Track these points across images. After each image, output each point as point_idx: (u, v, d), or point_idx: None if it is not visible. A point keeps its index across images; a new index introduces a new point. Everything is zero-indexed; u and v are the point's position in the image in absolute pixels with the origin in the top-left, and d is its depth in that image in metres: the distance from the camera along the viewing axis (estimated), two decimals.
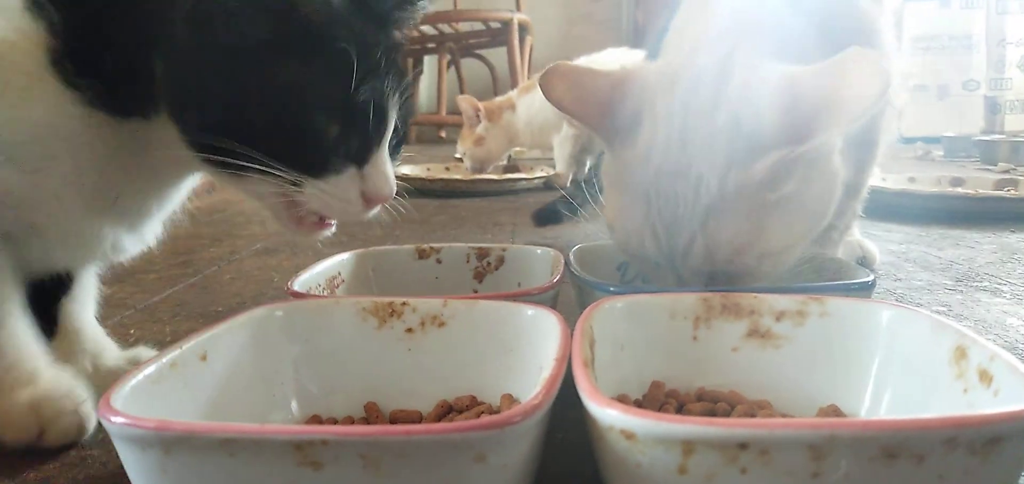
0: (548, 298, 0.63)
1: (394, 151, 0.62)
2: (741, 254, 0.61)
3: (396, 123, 0.60)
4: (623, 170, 0.66)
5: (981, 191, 1.81)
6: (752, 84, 0.62)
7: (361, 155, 0.58)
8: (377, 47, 0.57)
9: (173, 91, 0.53)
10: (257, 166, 0.53)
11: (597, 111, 0.68)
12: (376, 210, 0.61)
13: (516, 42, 3.61)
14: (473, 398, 0.53)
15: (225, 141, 0.52)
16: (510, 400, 0.51)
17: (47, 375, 0.56)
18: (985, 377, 0.42)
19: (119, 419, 0.35)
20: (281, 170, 0.54)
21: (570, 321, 0.50)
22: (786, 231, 0.62)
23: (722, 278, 0.63)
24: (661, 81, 0.66)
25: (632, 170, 0.65)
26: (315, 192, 0.56)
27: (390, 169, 0.61)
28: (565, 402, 0.42)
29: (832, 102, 0.57)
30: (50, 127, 0.52)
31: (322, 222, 0.62)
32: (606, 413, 0.35)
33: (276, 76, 0.52)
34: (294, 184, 0.55)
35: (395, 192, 0.62)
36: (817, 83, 0.59)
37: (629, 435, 0.34)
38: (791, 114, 0.59)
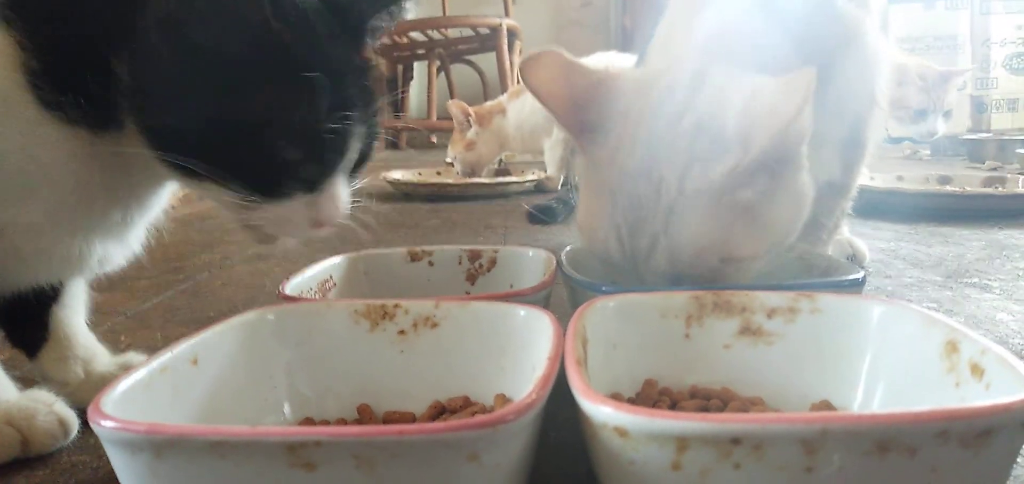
0: (540, 299, 0.63)
1: (356, 168, 0.60)
2: (702, 257, 0.61)
3: (359, 148, 0.58)
4: (592, 170, 0.67)
5: (969, 189, 1.82)
6: (721, 92, 0.63)
7: (316, 182, 0.55)
8: (348, 71, 0.55)
9: (135, 94, 0.50)
10: (212, 179, 0.51)
11: (571, 106, 0.68)
12: (326, 231, 0.58)
13: (505, 48, 3.62)
14: (466, 399, 0.53)
15: (180, 153, 0.50)
16: (503, 400, 0.51)
17: (12, 393, 0.56)
18: (977, 371, 0.42)
19: (109, 423, 0.35)
20: (233, 186, 0.52)
21: (562, 322, 0.50)
22: (749, 240, 0.62)
23: (687, 283, 0.62)
24: (637, 86, 0.67)
25: (599, 170, 0.66)
26: (264, 212, 0.54)
27: (344, 193, 0.58)
28: (558, 402, 0.42)
29: (769, 115, 0.58)
30: (29, 157, 0.51)
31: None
32: (599, 410, 0.35)
33: (240, 95, 0.50)
34: (247, 201, 0.53)
35: (347, 215, 0.59)
36: (766, 96, 0.60)
37: (622, 432, 0.34)
38: (743, 122, 0.60)
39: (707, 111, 0.62)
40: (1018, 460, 0.49)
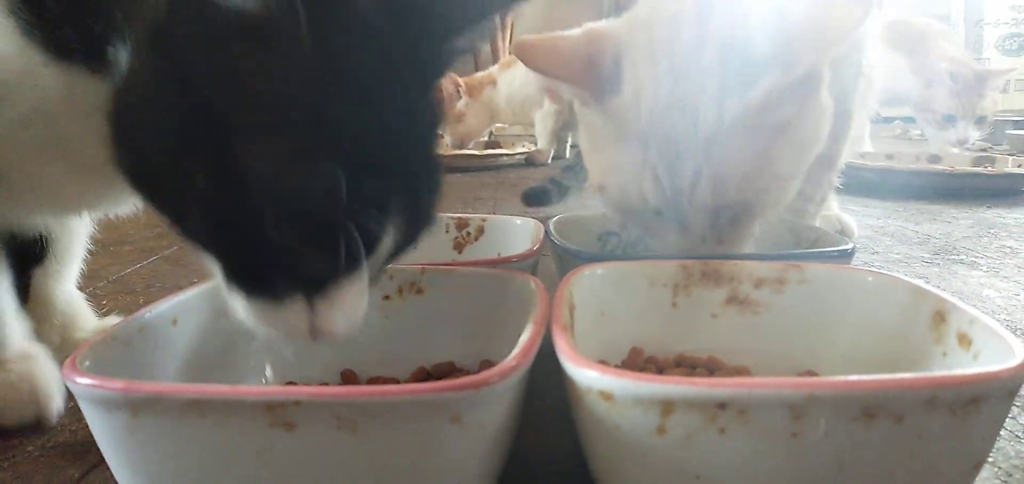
0: (528, 267, 0.63)
1: (393, 257, 0.44)
2: (750, 180, 0.60)
3: (398, 238, 0.42)
4: (610, 122, 0.65)
5: (958, 168, 1.82)
6: (736, 18, 0.61)
7: (318, 286, 0.39)
8: (405, 124, 0.40)
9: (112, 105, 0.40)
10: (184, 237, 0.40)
11: (579, 69, 0.66)
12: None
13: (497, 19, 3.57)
14: (451, 364, 0.53)
15: (143, 191, 0.41)
16: (488, 367, 0.50)
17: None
18: (964, 341, 0.42)
19: (85, 380, 0.34)
20: (207, 257, 0.40)
21: (550, 292, 0.49)
22: (791, 156, 0.62)
23: (726, 217, 0.62)
24: (636, 30, 0.65)
25: (621, 118, 0.63)
26: (240, 306, 0.40)
27: (359, 300, 0.41)
28: (544, 370, 0.41)
29: (818, 28, 0.58)
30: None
31: None
32: (584, 374, 0.35)
33: (227, 142, 0.36)
34: (225, 283, 0.40)
35: (356, 327, 0.42)
36: (805, 11, 0.59)
37: (607, 396, 0.34)
38: (780, 41, 0.59)
39: (730, 36, 0.60)
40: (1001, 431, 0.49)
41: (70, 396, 0.36)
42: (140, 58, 0.38)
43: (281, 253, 0.37)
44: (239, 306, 0.40)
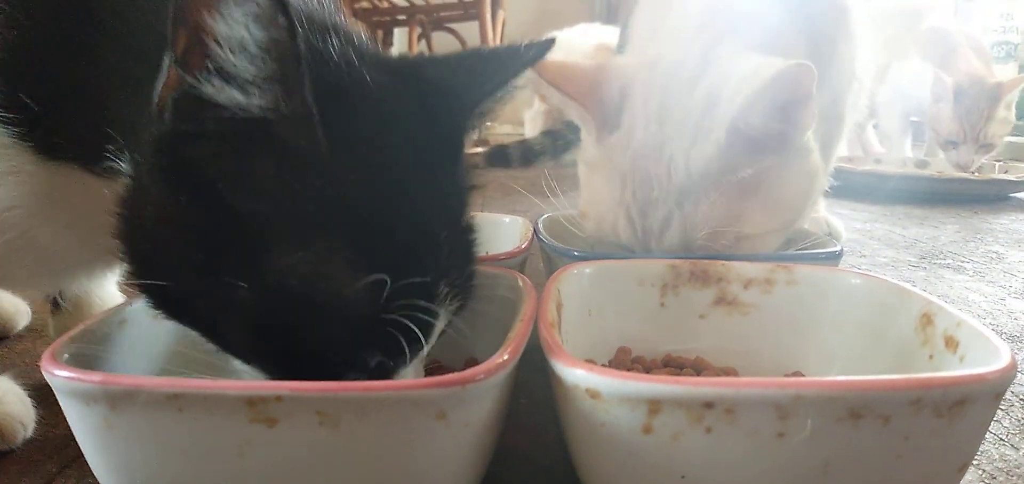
0: (516, 265, 0.62)
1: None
2: (717, 237, 0.61)
3: (447, 319, 0.40)
4: (603, 155, 0.66)
5: (946, 173, 1.83)
6: (730, 70, 0.62)
7: (381, 375, 0.38)
8: (434, 216, 0.38)
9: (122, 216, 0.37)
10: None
11: (590, 96, 0.67)
12: None
13: (488, 17, 3.57)
14: (438, 362, 0.52)
15: (165, 308, 0.38)
16: (474, 364, 0.50)
17: None
18: (951, 343, 0.42)
19: (62, 373, 0.34)
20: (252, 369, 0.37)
21: (538, 290, 0.49)
22: (761, 216, 0.62)
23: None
24: (641, 69, 0.67)
25: (612, 153, 0.65)
26: None
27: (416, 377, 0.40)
28: (531, 368, 0.41)
29: (742, 88, 0.58)
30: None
31: None
32: (571, 372, 0.35)
33: (264, 265, 0.33)
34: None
35: None
36: (757, 72, 0.58)
37: (594, 394, 0.34)
38: (740, 98, 0.58)
39: (715, 88, 0.61)
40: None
41: (48, 389, 0.35)
42: (148, 171, 0.35)
43: (335, 358, 0.36)
44: None
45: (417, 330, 0.36)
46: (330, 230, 0.34)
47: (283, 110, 0.32)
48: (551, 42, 0.45)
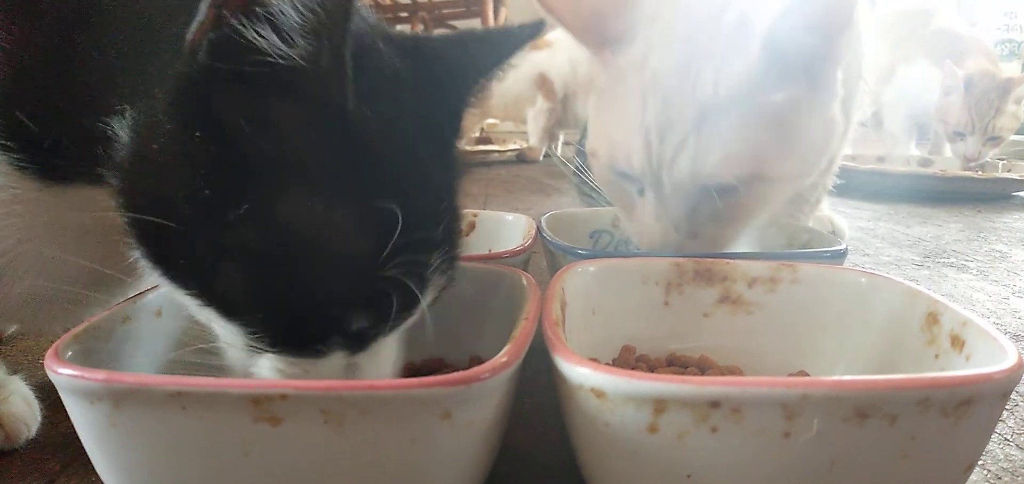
0: (519, 263, 0.62)
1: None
2: (728, 165, 0.58)
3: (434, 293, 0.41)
4: (616, 79, 0.63)
5: (949, 171, 1.83)
6: None
7: (361, 343, 0.39)
8: (438, 178, 0.40)
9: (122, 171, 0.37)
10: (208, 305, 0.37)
11: (590, 19, 0.65)
12: None
13: (491, 14, 3.57)
14: (441, 361, 0.52)
15: (163, 265, 0.37)
16: (478, 363, 0.50)
17: None
18: (957, 342, 0.42)
19: (66, 371, 0.33)
20: (238, 322, 0.36)
21: (542, 289, 0.49)
22: (783, 156, 0.60)
23: (704, 212, 0.61)
24: None
25: (626, 76, 0.62)
26: (276, 367, 0.37)
27: (394, 352, 0.42)
28: (535, 368, 0.41)
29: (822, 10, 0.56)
30: None
31: None
32: (576, 371, 0.35)
33: (271, 202, 0.34)
34: (253, 343, 0.37)
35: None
36: None
37: (599, 393, 0.34)
38: (780, 5, 0.57)
39: (747, 7, 0.59)
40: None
41: (51, 386, 0.35)
42: (163, 107, 0.35)
43: (329, 310, 0.36)
44: (266, 366, 0.37)
45: (412, 287, 0.37)
46: (347, 180, 0.35)
47: (322, 63, 0.33)
48: (542, 24, 0.46)
